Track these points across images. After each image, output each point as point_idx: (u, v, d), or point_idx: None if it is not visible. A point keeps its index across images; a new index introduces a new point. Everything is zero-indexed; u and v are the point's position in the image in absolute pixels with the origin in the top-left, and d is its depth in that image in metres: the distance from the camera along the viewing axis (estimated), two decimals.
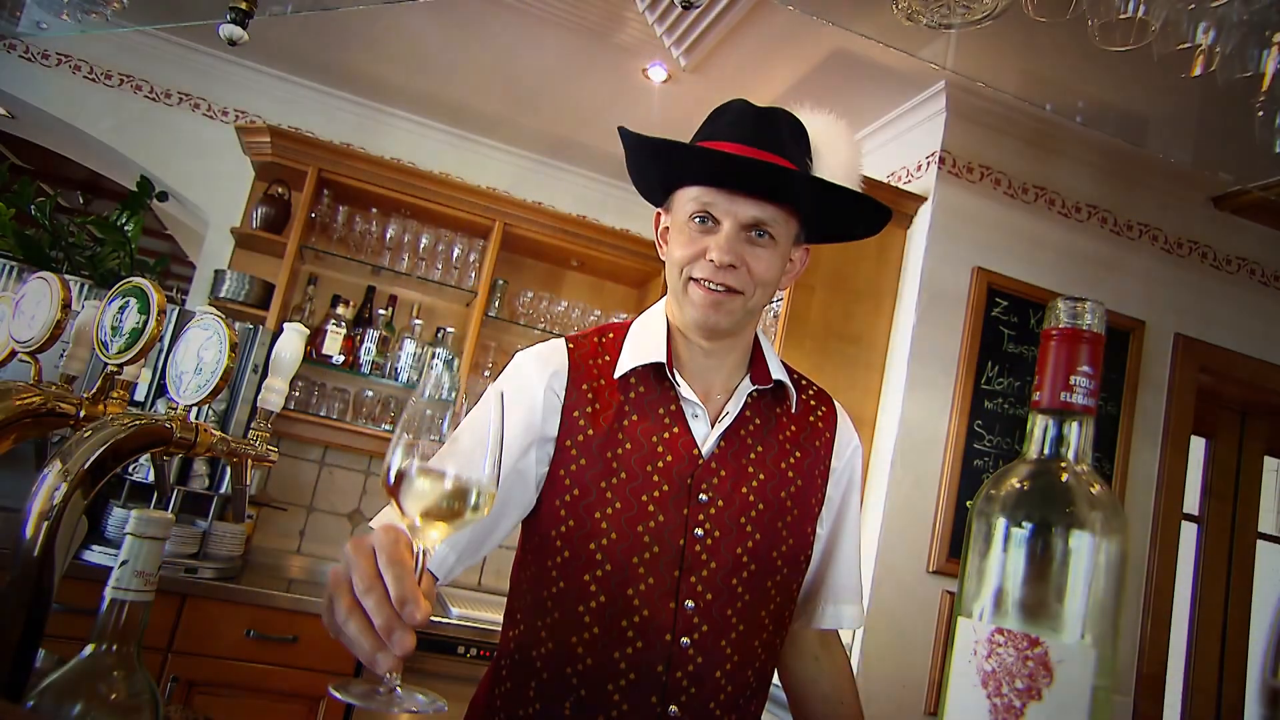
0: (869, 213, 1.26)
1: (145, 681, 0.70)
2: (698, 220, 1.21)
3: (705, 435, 1.24)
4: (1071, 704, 0.48)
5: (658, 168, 1.28)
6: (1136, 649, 3.01)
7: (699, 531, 1.18)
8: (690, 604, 1.16)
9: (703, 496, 1.20)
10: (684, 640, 1.15)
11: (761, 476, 1.24)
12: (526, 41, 3.26)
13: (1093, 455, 0.57)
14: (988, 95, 2.96)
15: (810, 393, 1.36)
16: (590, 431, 1.20)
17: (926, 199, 2.99)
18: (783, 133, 1.22)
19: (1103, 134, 3.01)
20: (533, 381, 1.21)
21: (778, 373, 1.30)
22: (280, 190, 3.80)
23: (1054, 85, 2.83)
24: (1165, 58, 1.03)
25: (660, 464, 1.20)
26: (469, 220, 3.79)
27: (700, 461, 1.21)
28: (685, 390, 1.24)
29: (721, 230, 1.19)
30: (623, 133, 1.28)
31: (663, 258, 1.32)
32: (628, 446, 1.20)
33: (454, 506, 0.76)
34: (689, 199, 1.22)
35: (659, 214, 1.34)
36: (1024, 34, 2.55)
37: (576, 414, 1.21)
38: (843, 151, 1.26)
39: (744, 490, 1.22)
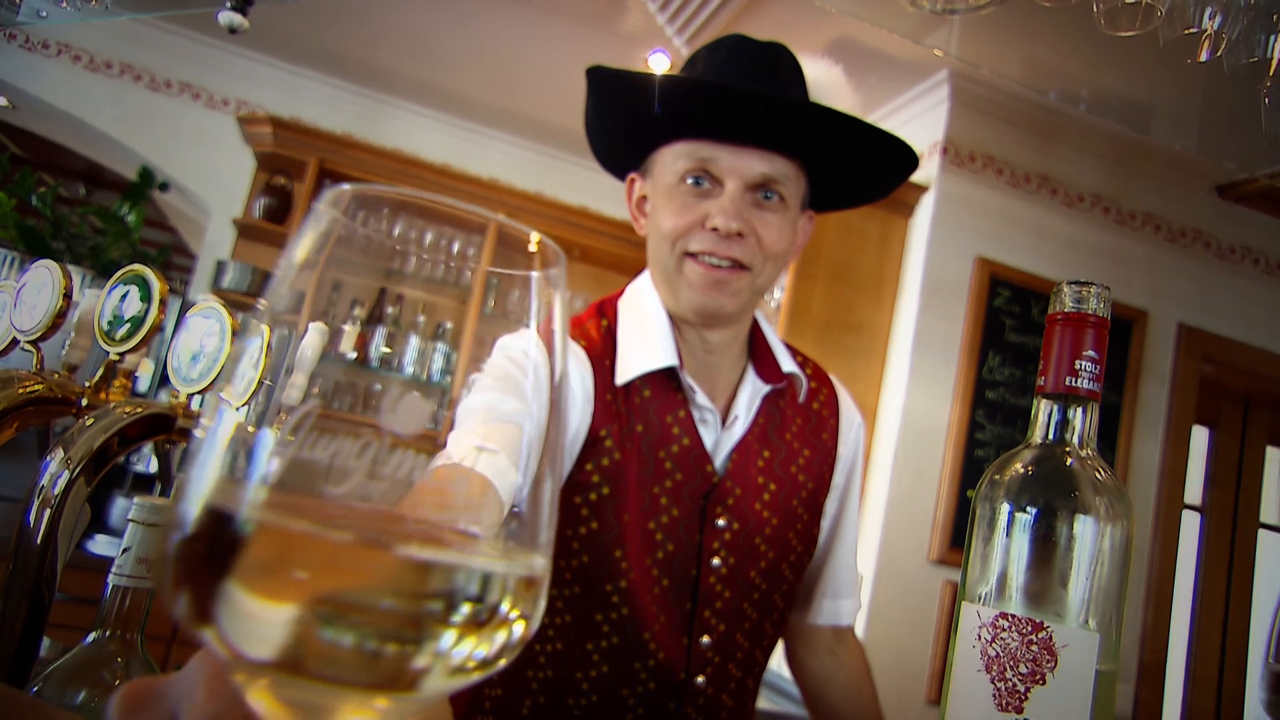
0: (893, 162, 1.06)
1: (149, 669, 0.70)
2: (692, 181, 0.99)
3: (717, 445, 1.06)
4: (1075, 688, 0.48)
5: (634, 118, 1.04)
6: (1138, 638, 3.01)
7: (715, 561, 1.02)
8: (705, 640, 1.02)
9: (719, 521, 1.03)
10: (699, 679, 1.02)
11: (773, 487, 1.08)
12: (528, 30, 3.24)
13: (1095, 443, 0.57)
14: (991, 84, 2.94)
15: (808, 373, 1.19)
16: (617, 455, 1.00)
17: (929, 188, 2.98)
18: (785, 74, 1.02)
19: (1106, 123, 3.00)
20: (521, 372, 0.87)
21: (787, 364, 1.11)
22: (282, 181, 3.80)
23: (1058, 73, 2.82)
24: (1171, 43, 1.02)
25: (669, 483, 1.01)
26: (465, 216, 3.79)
27: (715, 480, 1.04)
28: (701, 397, 1.05)
29: (724, 191, 0.98)
30: (593, 72, 1.04)
31: (641, 233, 1.09)
32: (634, 465, 1.01)
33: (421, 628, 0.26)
34: (679, 155, 1.00)
35: (632, 180, 1.12)
36: (1028, 20, 2.54)
37: (604, 433, 0.99)
38: (845, 100, 1.07)
39: (757, 507, 1.06)
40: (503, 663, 0.29)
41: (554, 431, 0.30)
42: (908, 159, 1.06)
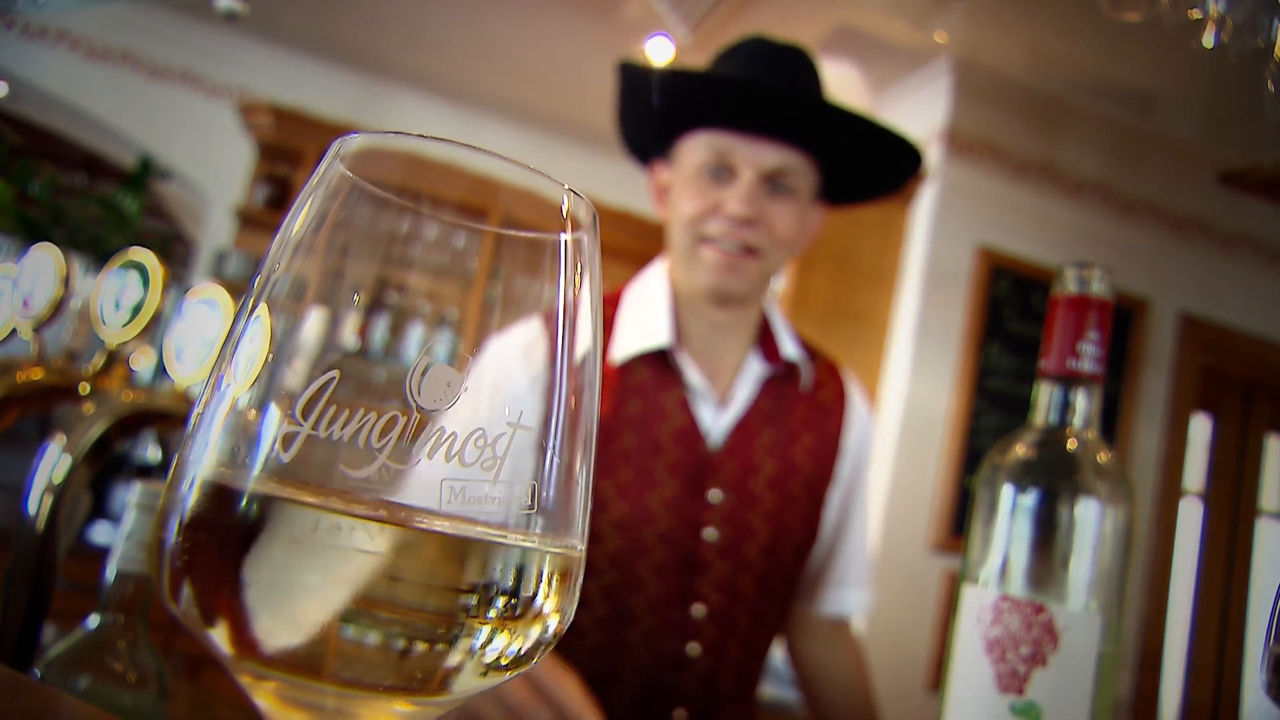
0: (899, 158, 1.13)
1: (151, 654, 0.70)
2: (710, 170, 1.07)
3: (713, 424, 1.12)
4: (1077, 670, 0.48)
5: (660, 108, 1.12)
6: (1138, 624, 3.02)
7: (709, 533, 1.08)
8: (699, 610, 1.07)
9: (713, 494, 1.09)
10: (692, 646, 1.06)
11: (771, 466, 1.13)
12: (528, 17, 3.23)
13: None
14: (993, 71, 2.93)
15: (821, 364, 1.24)
16: (614, 432, 1.08)
17: (930, 176, 2.97)
18: (800, 73, 1.10)
19: (1108, 110, 2.98)
20: (515, 374, 0.87)
21: (790, 349, 1.17)
22: (283, 170, 3.79)
23: (1060, 59, 2.81)
24: (1174, 28, 1.02)
25: (666, 459, 1.08)
26: (468, 200, 3.79)
27: (709, 456, 1.10)
28: (694, 376, 1.11)
29: (740, 180, 1.05)
30: (623, 68, 1.12)
31: (663, 218, 1.17)
32: (629, 440, 1.08)
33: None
34: (699, 146, 1.08)
35: (656, 167, 1.19)
36: (1030, 6, 2.53)
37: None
38: (859, 102, 1.16)
39: (753, 484, 1.11)
40: (536, 659, 0.27)
41: (584, 414, 0.28)
42: (912, 155, 1.12)
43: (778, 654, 1.37)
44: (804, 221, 1.12)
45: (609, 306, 1.16)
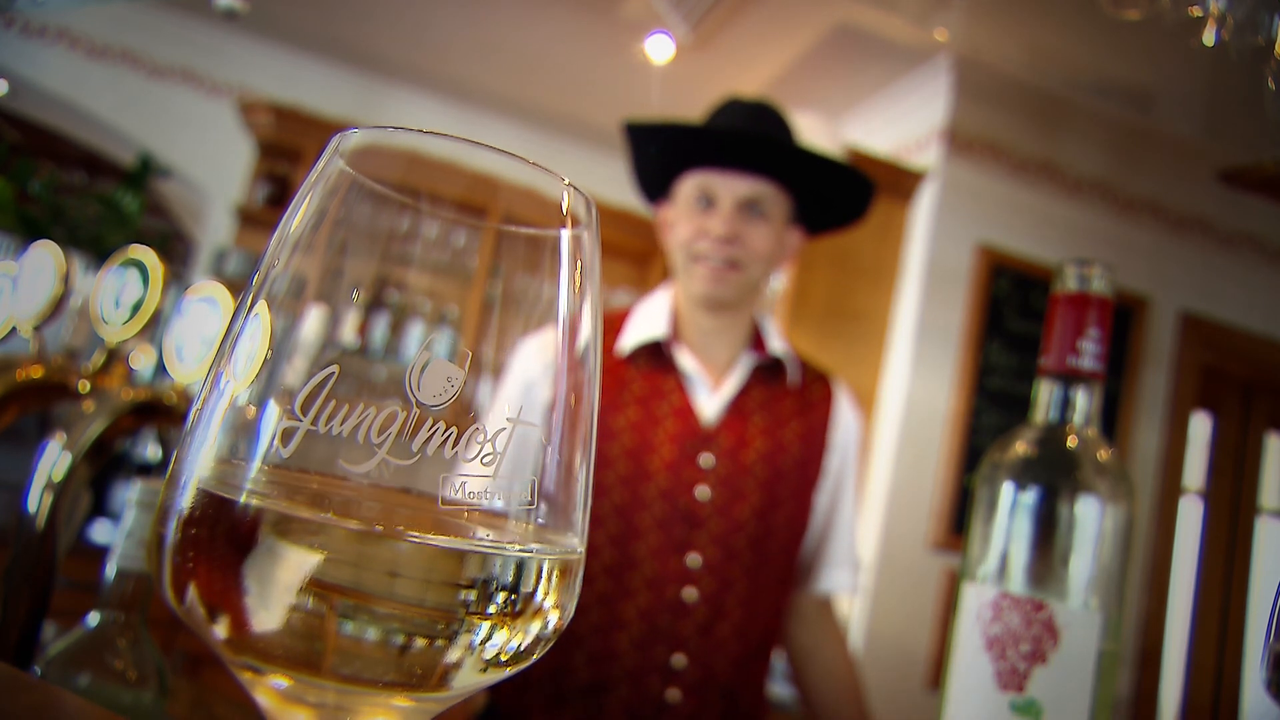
0: (853, 188, 1.35)
1: (151, 652, 0.70)
2: (698, 201, 1.30)
3: (706, 404, 1.32)
4: (1077, 668, 0.48)
5: (659, 154, 1.37)
6: (1137, 622, 3.02)
7: (703, 492, 1.26)
8: (695, 559, 1.24)
9: (705, 459, 1.28)
10: (689, 591, 1.22)
11: (763, 443, 1.31)
12: (529, 16, 3.23)
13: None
14: (993, 69, 2.93)
15: (811, 371, 1.43)
16: (618, 407, 1.29)
17: (930, 174, 2.97)
18: (767, 121, 1.34)
19: (1109, 109, 2.98)
20: (531, 361, 1.10)
21: (776, 346, 1.37)
22: (283, 168, 3.79)
23: (1061, 57, 2.80)
24: (1175, 25, 1.02)
25: (663, 430, 1.28)
26: (467, 199, 3.79)
27: (702, 428, 1.30)
28: (685, 361, 1.32)
29: (720, 208, 1.28)
30: (626, 129, 1.36)
31: (666, 247, 1.39)
32: (632, 413, 1.28)
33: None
34: (690, 185, 1.32)
35: (660, 208, 1.42)
36: (1031, 4, 2.52)
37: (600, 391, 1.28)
38: (825, 146, 1.33)
39: (744, 455, 1.30)
40: (536, 656, 0.27)
41: (584, 411, 0.28)
42: (864, 187, 1.34)
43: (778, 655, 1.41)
44: (779, 241, 1.33)
45: (620, 321, 1.36)
